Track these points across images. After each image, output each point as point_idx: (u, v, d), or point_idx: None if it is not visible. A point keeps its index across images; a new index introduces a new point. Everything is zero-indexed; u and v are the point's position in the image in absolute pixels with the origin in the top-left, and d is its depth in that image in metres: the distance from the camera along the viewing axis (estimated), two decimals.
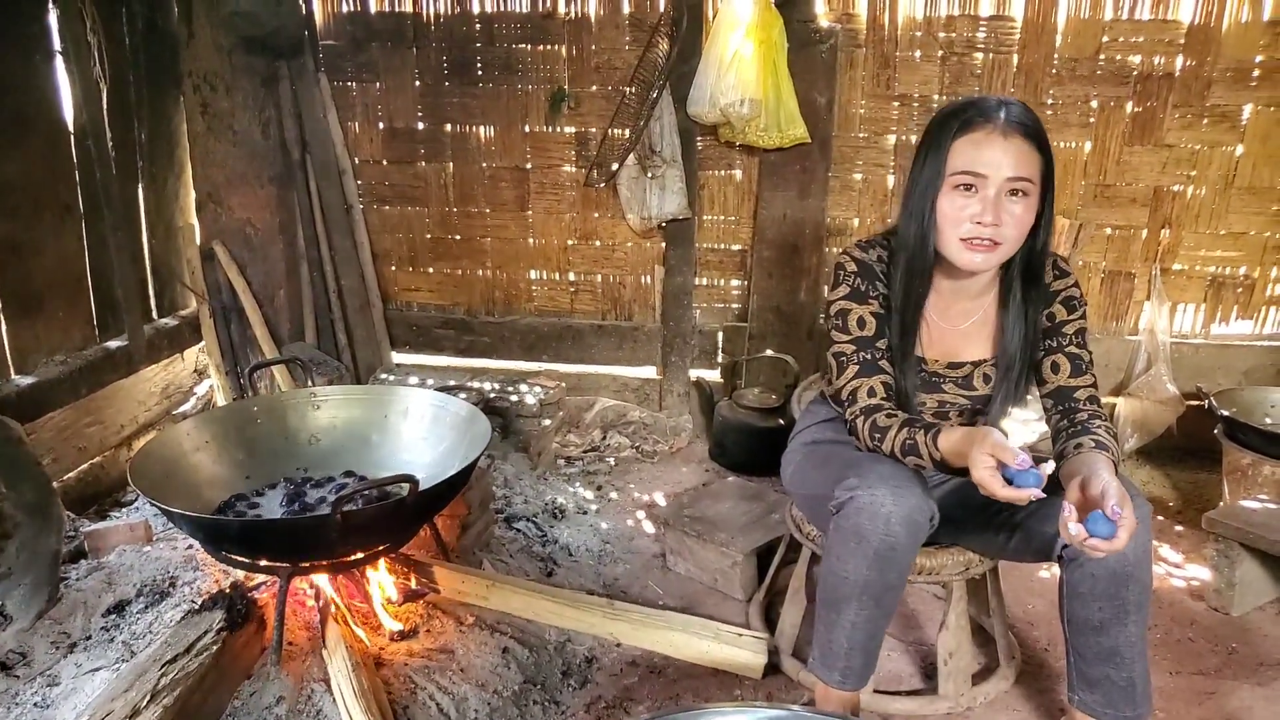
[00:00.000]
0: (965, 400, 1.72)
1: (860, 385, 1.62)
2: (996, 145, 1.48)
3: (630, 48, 3.13)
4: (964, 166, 1.50)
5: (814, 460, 1.79)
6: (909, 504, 1.47)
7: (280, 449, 2.17)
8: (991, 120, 1.49)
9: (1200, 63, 2.90)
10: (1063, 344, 1.66)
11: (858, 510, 1.48)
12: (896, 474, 1.50)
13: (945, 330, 1.69)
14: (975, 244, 1.51)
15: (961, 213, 1.51)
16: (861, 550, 1.49)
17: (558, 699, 1.83)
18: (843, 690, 1.62)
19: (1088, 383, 1.64)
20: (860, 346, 1.64)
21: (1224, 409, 2.67)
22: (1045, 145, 1.52)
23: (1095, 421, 1.57)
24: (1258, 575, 2.23)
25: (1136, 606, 1.51)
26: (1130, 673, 1.54)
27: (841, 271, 1.68)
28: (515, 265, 3.49)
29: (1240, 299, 3.15)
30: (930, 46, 3.01)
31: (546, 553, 2.42)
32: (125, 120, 2.91)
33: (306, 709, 1.65)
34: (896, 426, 1.54)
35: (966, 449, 1.40)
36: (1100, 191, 3.09)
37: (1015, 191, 1.49)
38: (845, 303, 1.66)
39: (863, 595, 1.53)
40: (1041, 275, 1.63)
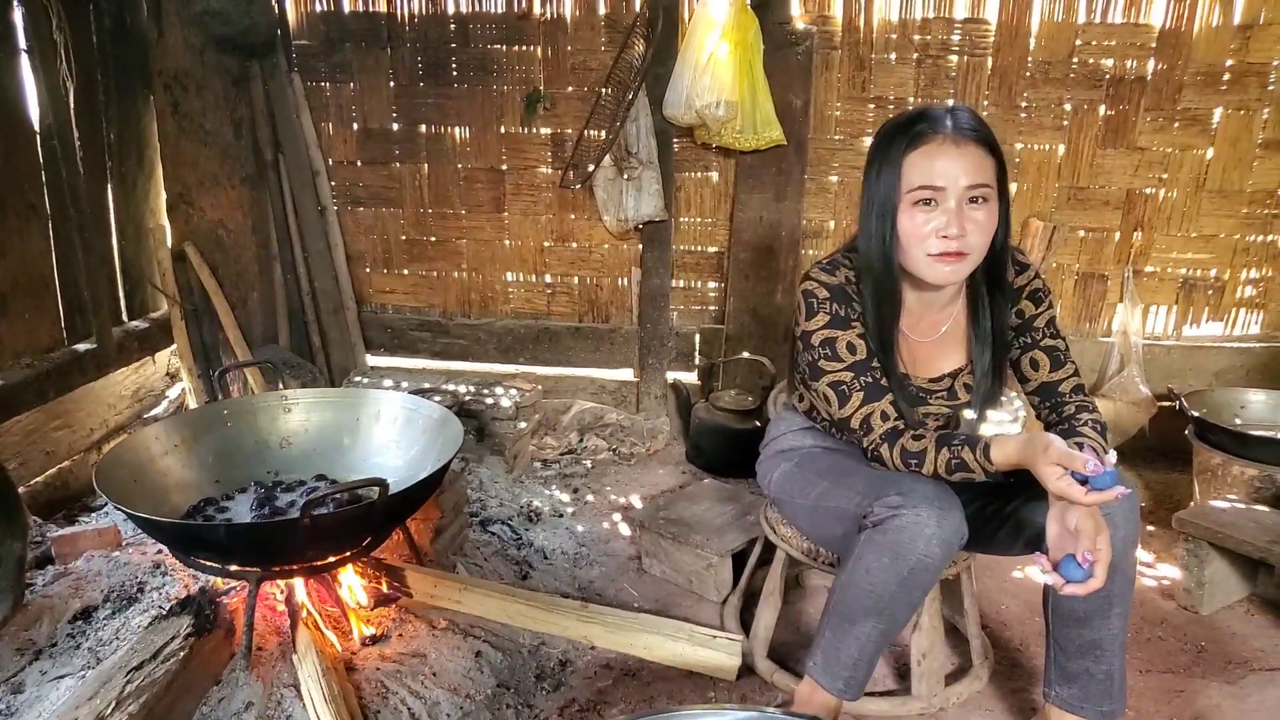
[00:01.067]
0: (949, 410, 1.72)
1: (872, 411, 1.59)
2: (950, 155, 1.47)
3: (606, 49, 3.13)
4: (921, 181, 1.48)
5: (817, 469, 1.75)
6: (950, 527, 1.46)
7: (251, 452, 2.14)
8: (941, 130, 1.47)
9: (1171, 66, 2.94)
10: (1037, 339, 1.66)
11: (900, 529, 1.46)
12: (940, 495, 1.48)
13: (918, 344, 1.69)
14: (943, 257, 1.50)
15: (925, 229, 1.50)
16: (895, 567, 1.48)
17: (531, 702, 1.82)
18: (842, 699, 1.60)
19: (1069, 373, 1.64)
20: (859, 372, 1.60)
21: (1194, 410, 2.70)
22: (996, 147, 1.51)
23: (1082, 416, 1.57)
24: (1227, 574, 2.25)
25: (1120, 598, 1.53)
26: (1110, 666, 1.56)
27: (814, 299, 1.62)
28: (491, 267, 3.47)
29: (1211, 301, 3.19)
30: (905, 49, 3.03)
31: (521, 556, 2.41)
32: (93, 120, 2.87)
33: (276, 714, 1.63)
34: (933, 447, 1.52)
35: (1026, 461, 1.40)
36: (1074, 194, 3.12)
37: (975, 199, 1.49)
38: (828, 331, 1.61)
39: (884, 610, 1.52)
40: (1005, 276, 1.63)
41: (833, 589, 1.60)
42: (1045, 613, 1.64)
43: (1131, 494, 1.50)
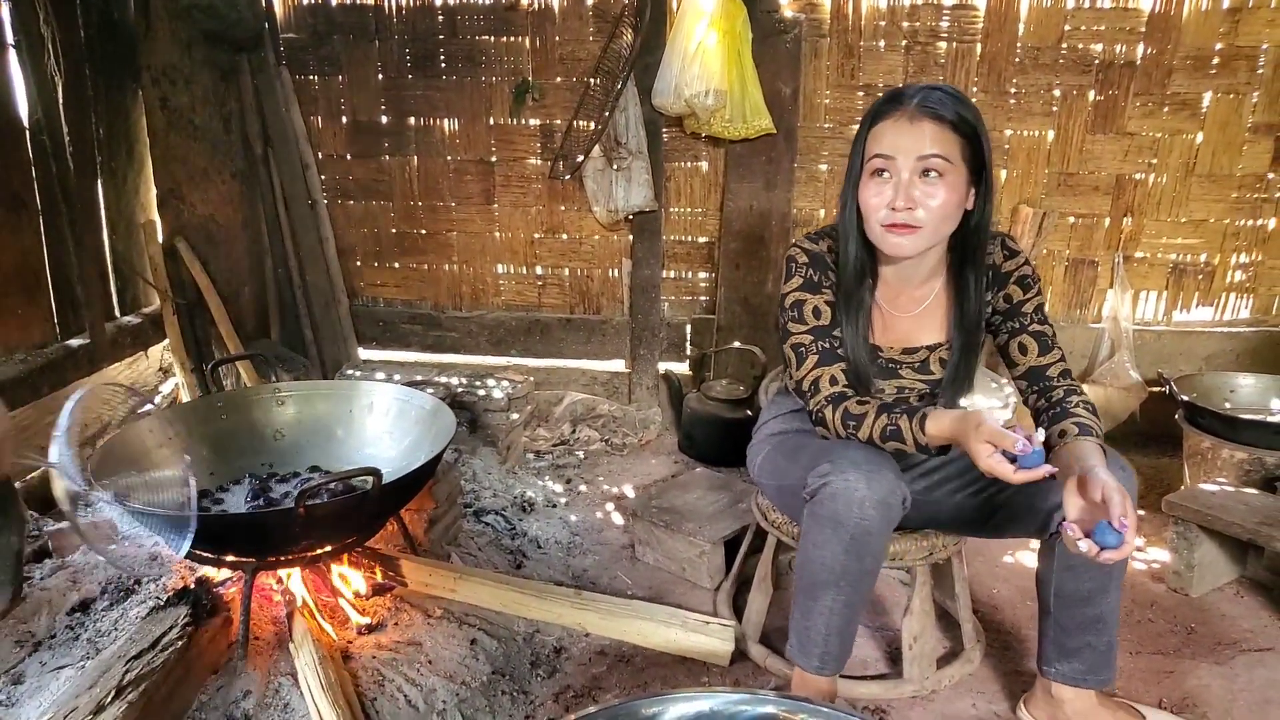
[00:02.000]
0: (924, 385, 1.73)
1: (822, 374, 1.63)
2: (904, 129, 1.51)
3: (594, 39, 3.12)
4: (875, 150, 1.54)
5: (783, 450, 1.79)
6: (883, 488, 1.48)
7: (245, 445, 2.15)
8: (903, 106, 1.52)
9: (1161, 51, 2.95)
10: (1025, 324, 1.67)
11: (832, 496, 1.49)
12: (869, 458, 1.51)
13: (897, 317, 1.71)
14: (893, 229, 1.54)
15: (879, 199, 1.54)
16: (837, 536, 1.51)
17: (526, 689, 1.83)
18: (820, 675, 1.63)
19: (1056, 358, 1.66)
20: (818, 336, 1.65)
21: (1185, 394, 2.71)
22: (965, 127, 1.52)
23: (1072, 399, 1.58)
24: (1216, 557, 2.27)
25: (1118, 572, 1.57)
26: (1110, 636, 1.60)
27: (793, 263, 1.70)
28: (482, 259, 3.47)
29: (1201, 285, 3.21)
30: (894, 36, 3.03)
31: (515, 545, 2.42)
32: (82, 115, 2.86)
33: (274, 703, 1.64)
34: (873, 412, 1.54)
35: (959, 436, 1.42)
36: (1063, 180, 3.13)
37: (928, 171, 1.51)
38: (799, 294, 1.67)
39: (839, 581, 1.55)
40: (979, 255, 1.64)
41: (794, 568, 1.63)
42: (1042, 594, 1.66)
43: (1132, 472, 1.54)
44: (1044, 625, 1.66)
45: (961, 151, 1.52)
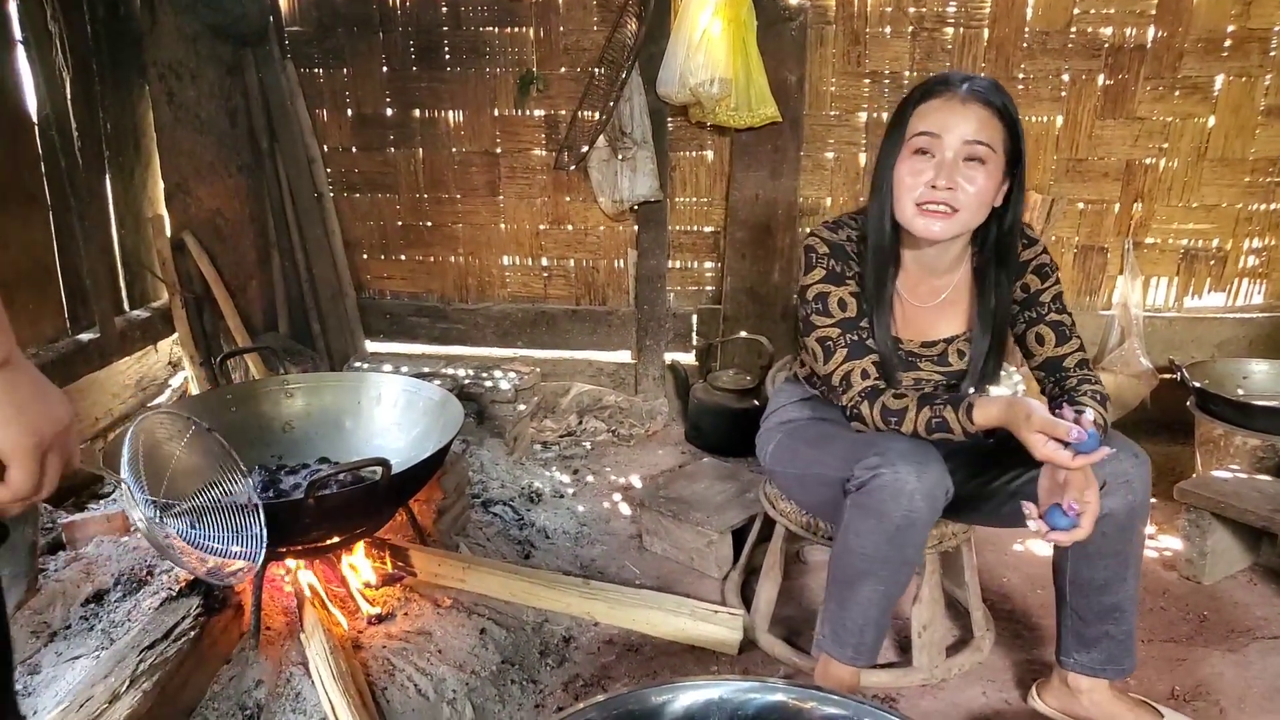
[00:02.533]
0: (940, 377, 1.72)
1: (853, 368, 1.60)
2: (955, 109, 1.49)
3: (598, 28, 3.11)
4: (920, 128, 1.51)
5: (804, 438, 1.76)
6: (931, 480, 1.47)
7: (254, 437, 2.16)
8: (953, 88, 1.51)
9: (1172, 34, 2.91)
10: (1043, 314, 1.66)
11: (880, 488, 1.47)
12: (918, 450, 1.49)
13: (916, 308, 1.69)
14: (929, 210, 1.52)
15: (917, 178, 1.52)
16: (882, 527, 1.49)
17: (536, 678, 1.83)
18: (853, 665, 1.62)
19: (1074, 348, 1.65)
20: (845, 329, 1.62)
21: (1196, 381, 2.69)
22: (1011, 120, 1.52)
23: (1083, 387, 1.58)
24: (1229, 544, 2.25)
25: (1135, 559, 1.57)
26: (1128, 625, 1.60)
27: (813, 254, 1.66)
28: (487, 251, 3.47)
29: (1213, 271, 3.18)
30: (900, 22, 3.01)
31: (523, 536, 2.42)
32: (90, 110, 2.87)
33: (286, 692, 1.65)
34: (914, 406, 1.53)
35: (1008, 424, 1.41)
36: (1072, 166, 3.10)
37: (972, 158, 1.49)
38: (823, 285, 1.64)
39: (880, 571, 1.54)
40: (1013, 255, 1.64)
41: (830, 558, 1.61)
42: (1058, 583, 1.65)
43: (1145, 460, 1.53)
44: (1061, 615, 1.66)
45: (1004, 141, 1.52)
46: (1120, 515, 1.50)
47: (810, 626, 1.99)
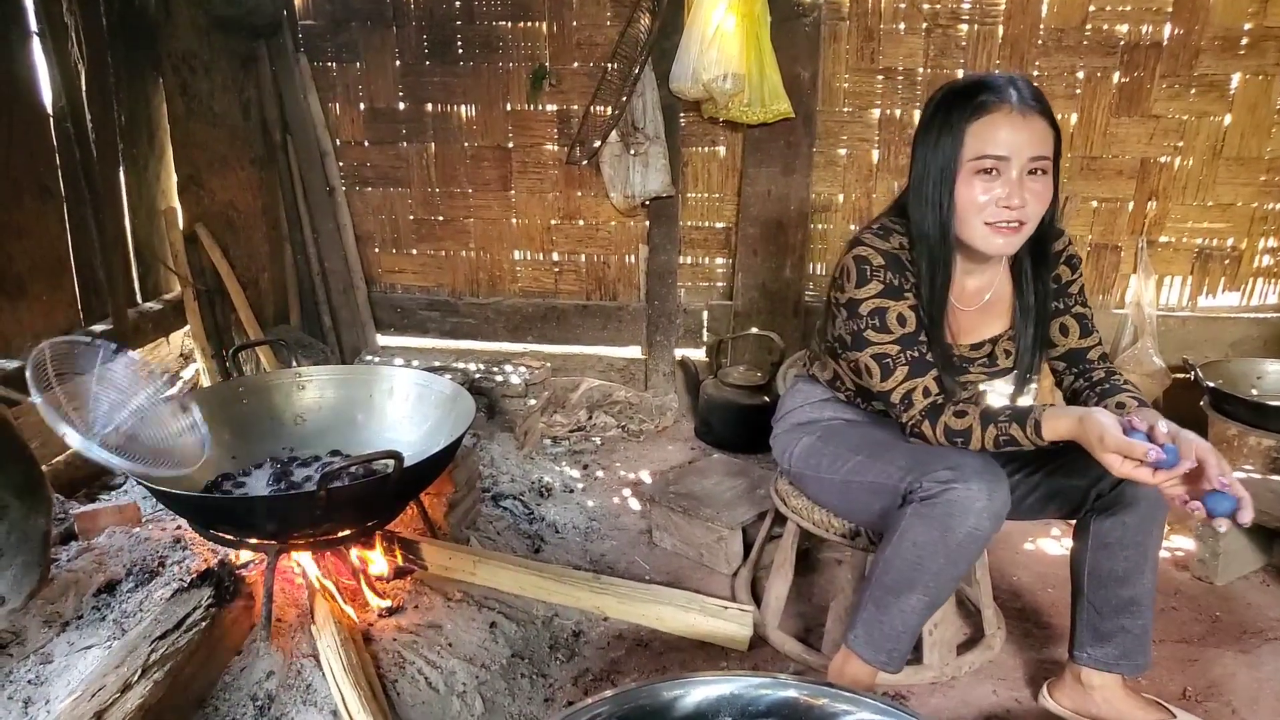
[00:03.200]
0: (987, 376, 1.72)
1: (915, 387, 1.57)
2: (1017, 125, 1.45)
3: (611, 23, 3.11)
4: (985, 150, 1.46)
5: (849, 444, 1.73)
6: (1000, 499, 1.46)
7: (266, 429, 2.17)
8: (1007, 100, 1.46)
9: (1188, 31, 2.89)
10: (1069, 305, 1.66)
11: (951, 502, 1.46)
12: (989, 468, 1.48)
13: (961, 312, 1.67)
14: (1000, 228, 1.49)
15: (984, 198, 1.48)
16: (944, 540, 1.47)
17: (545, 672, 1.84)
18: (884, 671, 1.60)
19: (1095, 341, 1.65)
20: (905, 345, 1.58)
21: (1210, 381, 2.68)
22: (1054, 120, 1.50)
23: (1117, 378, 1.58)
24: (1242, 545, 2.24)
25: (1154, 553, 1.57)
26: (1145, 621, 1.59)
27: (868, 266, 1.58)
28: (499, 246, 3.47)
29: (1227, 270, 3.16)
30: (914, 19, 3.00)
31: (533, 530, 2.43)
32: (104, 102, 2.87)
33: (296, 683, 1.66)
34: (978, 425, 1.50)
35: (1080, 441, 1.39)
36: (1086, 164, 3.09)
37: (1035, 170, 1.47)
38: (880, 300, 1.58)
39: (930, 583, 1.52)
40: (1050, 250, 1.64)
41: (875, 563, 1.58)
42: (1075, 575, 1.65)
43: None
44: (1077, 608, 1.65)
45: (1056, 147, 1.50)
46: (1143, 507, 1.51)
47: (820, 623, 1.99)
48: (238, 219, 3.18)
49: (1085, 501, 1.60)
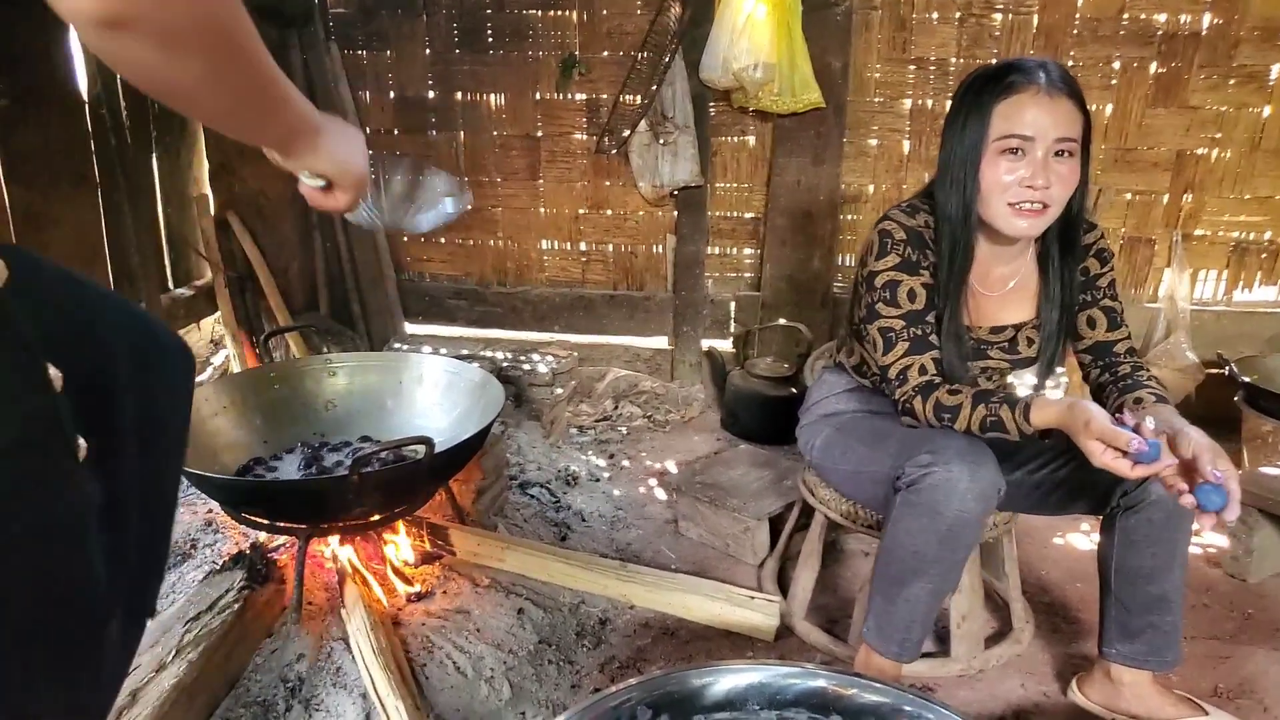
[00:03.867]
0: (1008, 364, 1.71)
1: (911, 363, 1.58)
2: (1044, 106, 1.45)
3: (642, 12, 3.09)
4: (1011, 130, 1.47)
5: (856, 434, 1.75)
6: (985, 479, 1.45)
7: (297, 414, 2.19)
8: (1035, 81, 1.46)
9: (1228, 21, 2.84)
10: (1097, 298, 1.65)
11: (933, 486, 1.46)
12: (972, 448, 1.47)
13: (985, 296, 1.67)
14: (1024, 209, 1.49)
15: (1008, 177, 1.48)
16: (934, 526, 1.48)
17: (572, 659, 1.85)
18: (899, 662, 1.61)
19: (1124, 335, 1.64)
20: (910, 322, 1.59)
21: (1246, 376, 2.64)
22: (1084, 104, 1.50)
23: (1141, 374, 1.57)
24: (1276, 542, 2.21)
25: (1183, 549, 1.55)
26: (1174, 617, 1.58)
27: (889, 239, 1.60)
28: (526, 235, 3.48)
29: (1264, 265, 3.11)
30: (947, 8, 2.96)
31: (560, 518, 2.44)
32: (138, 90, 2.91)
33: (326, 666, 1.68)
34: (969, 403, 1.50)
35: (1067, 428, 1.38)
36: (1121, 155, 3.04)
37: (1061, 152, 1.47)
38: (895, 273, 1.60)
39: (930, 570, 1.52)
40: (1078, 239, 1.62)
41: (877, 554, 1.60)
42: (1103, 571, 1.63)
43: None
44: (1105, 605, 1.64)
45: (1084, 130, 1.49)
46: (1169, 502, 1.49)
47: (846, 615, 1.98)
48: (268, 206, 3.21)
49: (1111, 498, 1.58)
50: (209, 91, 0.73)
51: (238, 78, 0.74)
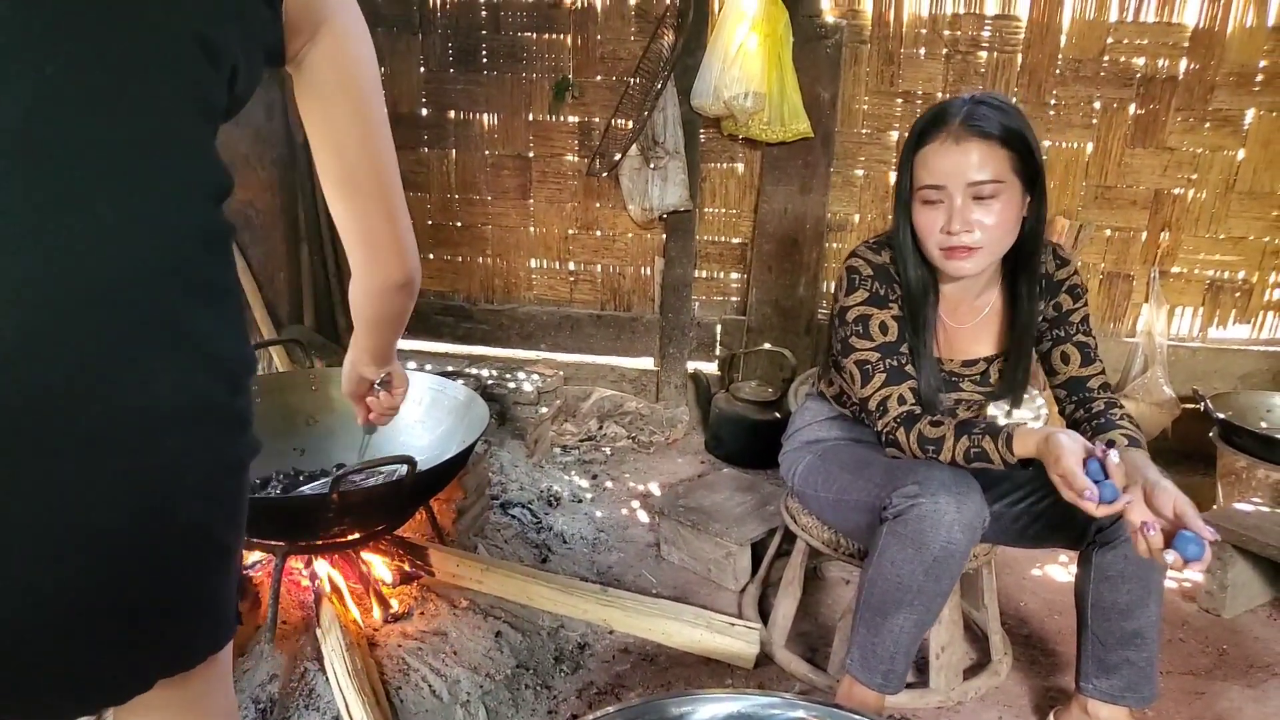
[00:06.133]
0: (981, 396, 1.72)
1: (890, 394, 1.60)
2: (950, 153, 1.48)
3: (635, 38, 3.13)
4: (925, 180, 1.53)
5: (840, 463, 1.76)
6: (971, 511, 1.46)
7: (277, 428, 2.16)
8: (945, 127, 1.49)
9: (1204, 66, 2.91)
10: (1070, 333, 1.66)
11: (920, 518, 1.47)
12: (958, 480, 1.49)
13: (956, 330, 1.69)
14: (953, 252, 1.53)
15: (933, 225, 1.53)
16: (920, 557, 1.48)
17: (550, 684, 1.83)
18: (882, 693, 1.61)
19: (1097, 370, 1.65)
20: (885, 353, 1.61)
21: (1220, 412, 2.68)
22: (1015, 140, 1.49)
23: (1114, 412, 1.57)
24: (1250, 578, 2.24)
25: (1158, 586, 1.55)
26: (1150, 652, 1.58)
27: (857, 276, 1.65)
28: (515, 253, 3.49)
29: (1238, 303, 3.17)
30: (935, 44, 3.02)
31: (541, 539, 2.43)
32: None
33: (299, 687, 1.65)
34: (951, 435, 1.51)
35: (1043, 459, 1.40)
36: (1101, 193, 3.10)
37: (980, 197, 1.49)
38: (865, 308, 1.64)
39: (915, 601, 1.53)
40: (1033, 265, 1.62)
41: (861, 584, 1.60)
42: (1080, 606, 1.64)
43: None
44: (1082, 639, 1.64)
45: (1012, 165, 1.49)
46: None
47: (827, 643, 1.98)
48: (256, 218, 3.20)
49: (1087, 533, 1.59)
50: (404, 320, 1.18)
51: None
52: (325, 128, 0.94)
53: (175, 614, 0.79)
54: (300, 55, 0.90)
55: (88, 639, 0.72)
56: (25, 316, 0.64)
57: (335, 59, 0.91)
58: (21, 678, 0.72)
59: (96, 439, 0.68)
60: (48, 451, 0.66)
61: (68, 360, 0.66)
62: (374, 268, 1.05)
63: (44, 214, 0.64)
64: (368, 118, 0.95)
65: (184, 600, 0.79)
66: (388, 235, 1.02)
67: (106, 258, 0.67)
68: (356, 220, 1.00)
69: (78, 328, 0.66)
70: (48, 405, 0.65)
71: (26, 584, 0.68)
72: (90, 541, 0.70)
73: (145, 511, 0.72)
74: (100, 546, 0.70)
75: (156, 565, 0.74)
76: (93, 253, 0.66)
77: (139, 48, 0.69)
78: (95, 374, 0.67)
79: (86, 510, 0.68)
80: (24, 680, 0.72)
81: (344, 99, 0.94)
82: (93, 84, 0.67)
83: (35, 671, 0.72)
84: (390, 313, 1.14)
